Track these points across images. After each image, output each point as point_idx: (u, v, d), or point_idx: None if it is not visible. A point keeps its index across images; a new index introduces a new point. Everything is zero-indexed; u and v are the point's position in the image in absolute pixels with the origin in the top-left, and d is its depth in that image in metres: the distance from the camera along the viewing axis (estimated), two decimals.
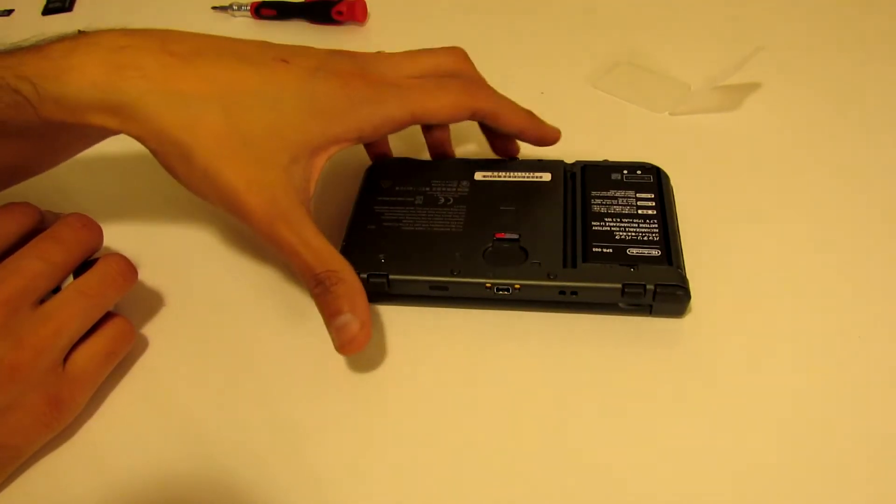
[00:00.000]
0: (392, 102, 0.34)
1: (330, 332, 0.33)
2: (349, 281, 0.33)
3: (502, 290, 0.35)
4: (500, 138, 0.41)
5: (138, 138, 0.33)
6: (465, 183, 0.41)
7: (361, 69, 0.35)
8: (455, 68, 0.39)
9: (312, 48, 0.37)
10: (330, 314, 0.33)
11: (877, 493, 0.29)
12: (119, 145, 0.48)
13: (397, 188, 0.41)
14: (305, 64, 0.34)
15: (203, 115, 0.32)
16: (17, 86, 0.31)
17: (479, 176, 0.41)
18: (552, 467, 0.31)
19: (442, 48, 0.40)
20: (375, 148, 0.42)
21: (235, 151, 0.32)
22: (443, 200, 0.40)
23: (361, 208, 0.40)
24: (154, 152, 0.33)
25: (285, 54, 0.35)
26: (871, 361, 0.34)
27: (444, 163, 0.42)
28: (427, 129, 0.41)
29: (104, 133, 0.34)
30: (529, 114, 0.39)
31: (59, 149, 0.37)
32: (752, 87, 0.50)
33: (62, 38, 0.33)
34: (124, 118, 0.32)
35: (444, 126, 0.40)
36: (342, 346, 0.33)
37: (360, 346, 0.33)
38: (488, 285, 0.35)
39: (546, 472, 0.31)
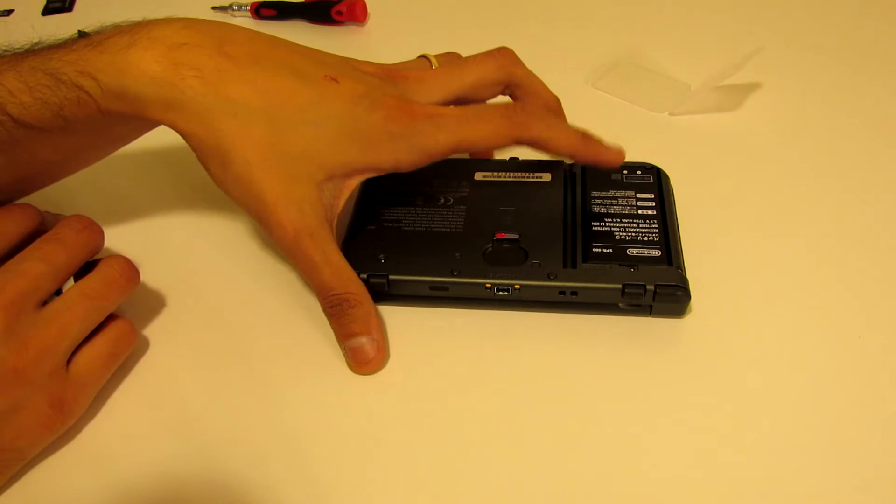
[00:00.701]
0: (430, 137, 0.35)
1: (344, 352, 0.35)
2: (366, 304, 0.35)
3: (502, 290, 0.36)
4: None
5: (183, 134, 0.34)
6: (465, 183, 0.41)
7: (405, 100, 0.35)
8: (502, 76, 0.39)
9: (362, 67, 0.37)
10: (345, 335, 0.34)
11: (877, 493, 0.30)
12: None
13: (397, 188, 0.41)
14: (354, 88, 0.35)
15: (249, 125, 0.33)
16: (79, 81, 0.32)
17: (479, 176, 0.41)
18: (552, 467, 0.31)
19: (487, 54, 0.39)
20: None
21: (273, 164, 0.34)
22: (443, 200, 0.40)
23: (361, 208, 0.40)
24: (195, 150, 0.34)
25: (336, 72, 0.35)
26: (870, 361, 0.34)
27: (444, 163, 0.42)
28: None
29: (155, 125, 0.35)
30: (582, 137, 0.36)
31: (110, 141, 0.38)
32: (752, 87, 0.50)
33: (119, 31, 0.33)
34: (176, 114, 0.33)
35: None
36: (357, 366, 0.34)
37: (375, 368, 0.35)
38: (488, 285, 0.35)
39: (546, 471, 0.31)
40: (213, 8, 0.62)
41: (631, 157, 0.41)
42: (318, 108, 0.34)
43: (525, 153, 0.43)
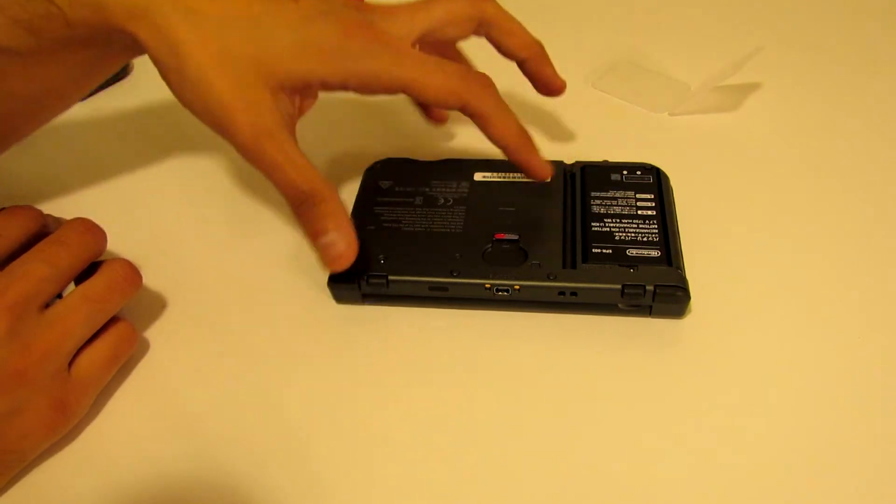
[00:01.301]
0: (384, 65, 0.34)
1: (315, 250, 0.34)
2: (333, 200, 0.34)
3: (502, 290, 0.36)
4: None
5: (143, 44, 0.34)
6: (464, 183, 0.41)
7: (368, 21, 0.35)
8: (473, 11, 0.39)
9: None
10: (314, 233, 0.34)
11: (877, 493, 0.30)
12: (121, 149, 0.48)
13: (397, 188, 0.41)
14: (314, 5, 0.35)
15: (205, 32, 0.34)
16: None
17: (478, 177, 0.41)
18: (551, 468, 0.31)
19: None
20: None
21: (227, 70, 0.34)
22: (442, 201, 0.40)
23: (361, 209, 0.40)
24: (154, 60, 0.34)
25: None
26: (870, 361, 0.34)
27: (443, 163, 0.42)
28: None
29: (125, 45, 0.36)
30: (523, 135, 0.36)
31: (83, 72, 0.38)
32: (752, 87, 0.50)
33: None
34: (137, 22, 0.33)
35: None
36: (330, 263, 0.34)
37: (347, 262, 0.34)
38: (488, 286, 0.36)
39: (545, 472, 0.31)
40: None
41: (631, 157, 0.41)
42: (275, 18, 0.34)
43: None
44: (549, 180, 0.37)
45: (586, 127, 0.47)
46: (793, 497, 0.30)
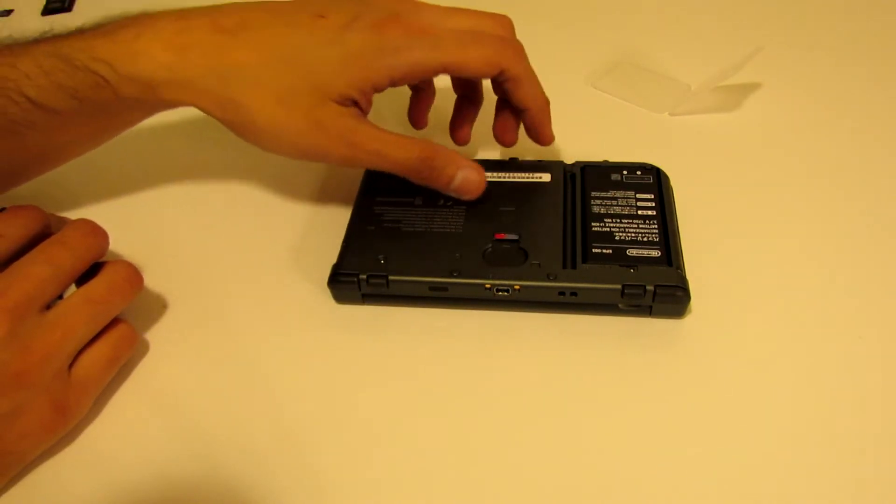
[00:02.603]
0: (423, 50, 0.36)
1: (454, 195, 0.39)
2: (438, 151, 0.37)
3: (502, 290, 0.36)
4: (503, 121, 0.41)
5: (207, 112, 0.36)
6: None
7: (397, 15, 0.37)
8: (494, 32, 0.39)
9: (351, 1, 0.38)
10: (444, 186, 0.38)
11: (877, 492, 0.30)
12: (123, 150, 0.48)
13: (397, 188, 0.41)
14: (340, 19, 0.36)
15: (255, 82, 0.35)
16: (95, 68, 0.34)
17: None
18: (551, 467, 0.31)
19: (487, 13, 0.40)
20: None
21: (291, 106, 0.35)
22: (442, 201, 0.40)
23: (361, 209, 0.40)
24: (222, 121, 0.37)
25: (323, 9, 0.37)
26: (870, 361, 0.34)
27: None
28: (460, 95, 0.43)
29: (168, 107, 0.37)
30: (545, 103, 0.40)
31: (120, 125, 0.40)
32: (752, 87, 0.50)
33: (125, 23, 0.36)
34: (192, 93, 0.36)
35: (473, 99, 0.43)
36: (473, 194, 0.38)
37: (484, 183, 0.38)
38: (488, 286, 0.36)
39: (545, 472, 0.31)
40: None
41: (631, 157, 0.41)
42: (309, 42, 0.36)
43: (525, 153, 0.43)
44: (548, 180, 0.39)
45: (586, 127, 0.46)
46: (793, 496, 0.30)
